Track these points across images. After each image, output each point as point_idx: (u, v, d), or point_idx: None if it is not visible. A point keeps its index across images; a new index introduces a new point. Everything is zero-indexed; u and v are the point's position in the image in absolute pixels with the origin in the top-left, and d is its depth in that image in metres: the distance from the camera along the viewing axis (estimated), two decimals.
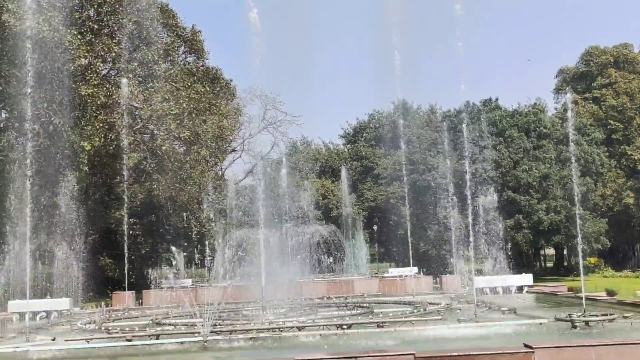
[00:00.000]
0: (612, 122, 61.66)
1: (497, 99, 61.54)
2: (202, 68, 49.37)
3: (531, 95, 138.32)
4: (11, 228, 36.34)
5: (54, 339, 16.83)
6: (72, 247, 49.95)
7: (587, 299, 21.19)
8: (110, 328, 19.28)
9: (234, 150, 64.33)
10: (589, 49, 67.34)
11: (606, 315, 16.65)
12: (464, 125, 45.57)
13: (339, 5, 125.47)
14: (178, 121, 37.18)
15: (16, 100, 31.86)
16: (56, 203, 34.65)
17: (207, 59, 50.65)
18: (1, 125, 35.50)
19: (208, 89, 44.80)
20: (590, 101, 63.56)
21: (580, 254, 28.53)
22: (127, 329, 18.58)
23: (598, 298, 23.40)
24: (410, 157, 59.25)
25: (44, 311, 26.61)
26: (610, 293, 24.76)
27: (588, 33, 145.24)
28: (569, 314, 16.60)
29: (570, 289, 28.83)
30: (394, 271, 43.46)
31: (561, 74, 70.47)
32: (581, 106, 61.89)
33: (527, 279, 30.86)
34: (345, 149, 76.42)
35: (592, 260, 57.10)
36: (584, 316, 16.33)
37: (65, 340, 16.53)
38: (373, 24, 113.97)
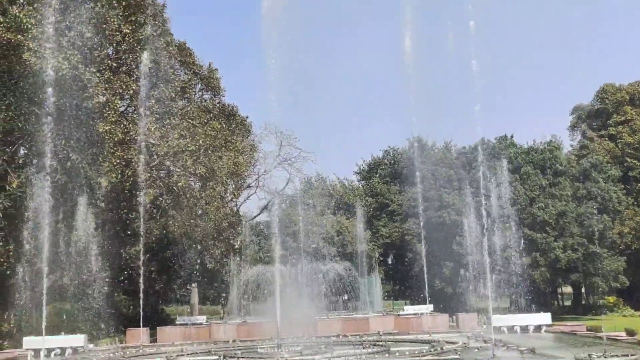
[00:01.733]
0: (628, 159, 61.38)
1: (512, 136, 61.61)
2: (218, 105, 49.85)
3: (546, 132, 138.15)
4: (27, 264, 36.50)
5: None
6: (88, 283, 50.12)
7: (606, 338, 20.90)
8: None
9: (249, 186, 64.53)
10: (604, 87, 67.42)
11: (627, 355, 16.40)
12: (479, 162, 45.39)
13: (355, 43, 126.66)
14: (194, 158, 37.40)
15: (35, 137, 32.22)
16: (72, 239, 34.78)
17: (223, 96, 51.21)
18: (20, 162, 35.84)
19: (224, 125, 45.16)
20: (607, 138, 63.44)
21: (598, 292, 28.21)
22: None
23: (618, 338, 23.06)
24: (425, 193, 59.13)
25: (58, 348, 26.57)
26: (630, 333, 24.40)
27: (603, 70, 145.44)
28: (589, 354, 16.36)
29: (589, 329, 28.45)
30: (409, 309, 43.09)
31: (576, 111, 70.48)
32: (597, 143, 61.76)
33: (545, 317, 30.45)
34: (360, 186, 76.44)
35: (611, 299, 56.39)
36: (604, 356, 16.08)
37: None
38: (389, 62, 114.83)
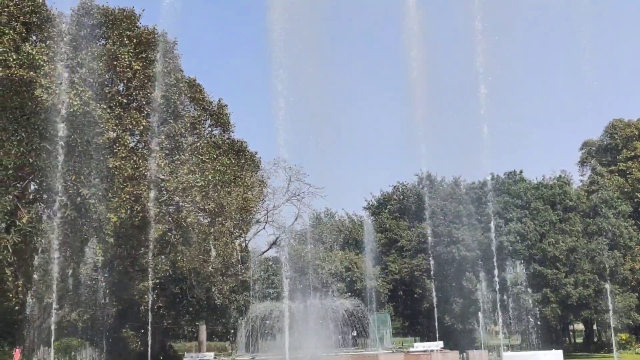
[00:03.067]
0: (639, 194, 61.17)
1: (521, 171, 61.50)
2: (227, 140, 50.07)
3: (556, 168, 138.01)
4: (36, 299, 36.48)
5: None
6: (95, 319, 50.00)
7: None
8: None
9: (257, 221, 64.49)
10: (613, 122, 67.52)
11: None
12: (489, 199, 45.37)
13: (365, 78, 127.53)
14: (203, 193, 37.49)
15: (45, 173, 32.45)
16: (81, 274, 34.78)
17: (232, 132, 51.45)
18: (30, 197, 36.05)
19: (233, 161, 45.31)
20: (616, 174, 63.32)
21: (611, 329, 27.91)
22: None
23: None
24: (434, 229, 59.01)
25: None
26: None
27: (612, 106, 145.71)
28: None
29: None
30: (419, 345, 42.66)
31: (586, 147, 70.49)
32: (607, 179, 61.62)
33: (557, 355, 29.99)
34: (369, 221, 76.29)
35: (624, 336, 55.75)
36: None
37: None
38: (397, 98, 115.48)
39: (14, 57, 31.56)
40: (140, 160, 35.52)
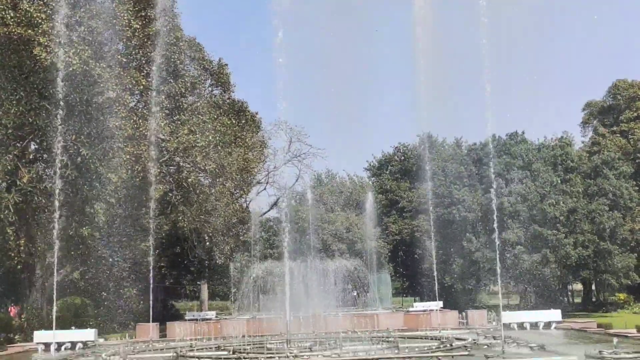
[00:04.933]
0: None
1: (523, 132, 61.24)
2: (228, 101, 49.86)
3: (558, 129, 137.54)
4: (38, 259, 36.69)
5: None
6: (97, 279, 50.33)
7: (617, 335, 20.77)
8: None
9: (258, 182, 64.57)
10: (616, 82, 66.99)
11: (638, 352, 16.28)
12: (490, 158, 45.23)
13: (367, 39, 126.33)
14: (204, 153, 37.43)
15: (45, 132, 32.33)
16: (82, 234, 34.88)
17: (233, 92, 51.19)
18: (30, 157, 35.99)
19: (234, 121, 45.17)
20: (618, 134, 63.03)
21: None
22: None
23: (628, 335, 22.95)
24: (435, 190, 58.97)
25: (69, 342, 26.64)
26: None
27: (615, 66, 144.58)
28: (600, 351, 16.25)
29: (599, 326, 28.30)
30: (419, 305, 43.01)
31: (588, 107, 70.08)
32: (609, 140, 61.36)
33: (555, 314, 30.27)
34: (370, 182, 76.35)
35: (622, 296, 56.10)
36: (615, 353, 15.96)
37: None
38: (400, 57, 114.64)
39: (12, 14, 31.22)
40: (141, 120, 35.40)
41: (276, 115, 60.80)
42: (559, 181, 54.05)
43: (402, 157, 76.13)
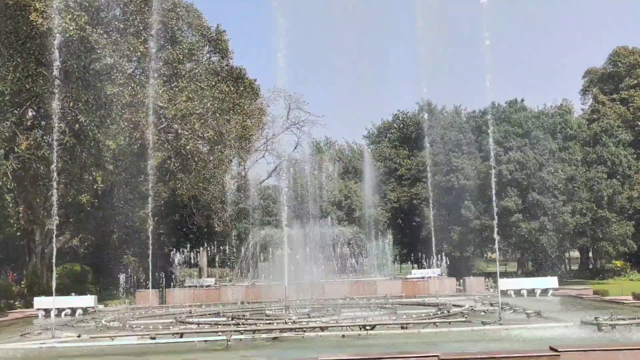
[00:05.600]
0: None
1: (522, 100, 61.04)
2: (226, 68, 49.47)
3: (558, 97, 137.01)
4: (37, 226, 36.77)
5: (79, 336, 16.92)
6: (97, 245, 50.46)
7: (613, 302, 20.91)
8: (134, 326, 19.37)
9: (257, 150, 64.44)
10: (617, 50, 66.56)
11: (633, 319, 16.39)
12: (489, 126, 45.09)
13: (363, 4, 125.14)
14: (202, 121, 37.28)
15: (43, 99, 32.17)
16: (81, 201, 34.91)
17: (231, 59, 50.78)
18: (28, 124, 35.86)
19: (232, 88, 44.87)
20: (618, 102, 62.80)
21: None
22: (151, 327, 18.65)
23: (624, 302, 23.11)
24: (434, 158, 58.96)
25: (69, 308, 26.82)
26: (637, 296, 24.45)
27: (616, 33, 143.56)
28: (596, 318, 16.36)
29: (596, 292, 28.51)
30: (417, 272, 43.22)
31: (588, 75, 69.72)
32: (608, 107, 61.16)
33: (552, 281, 30.46)
34: (369, 150, 76.27)
35: (618, 263, 56.44)
36: (611, 319, 16.08)
37: (91, 337, 16.62)
38: (399, 25, 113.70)
39: None
40: (138, 87, 35.17)
41: (275, 82, 60.39)
42: (558, 149, 54.03)
43: (401, 125, 75.92)
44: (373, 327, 16.52)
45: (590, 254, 65.31)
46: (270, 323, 17.89)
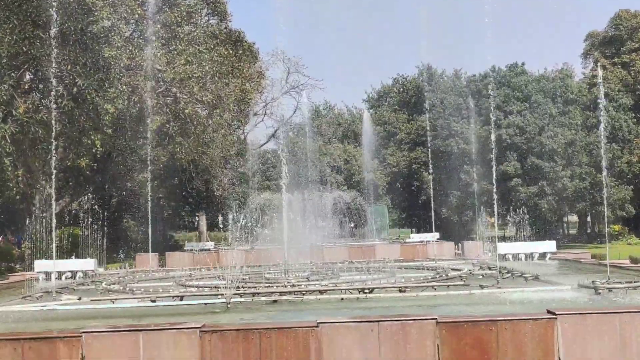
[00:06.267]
0: None
1: (523, 64, 60.69)
2: (224, 30, 49.02)
3: (559, 60, 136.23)
4: (36, 190, 36.78)
5: (80, 299, 17.03)
6: (96, 209, 50.49)
7: (611, 266, 21.04)
8: (134, 289, 19.49)
9: (256, 114, 64.22)
10: (619, 13, 65.90)
11: (630, 282, 16.50)
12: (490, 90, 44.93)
13: None
14: (201, 84, 37.04)
15: (40, 62, 31.91)
16: (80, 165, 34.87)
17: (230, 22, 50.32)
18: (26, 87, 35.64)
19: (231, 51, 44.52)
20: (619, 66, 62.38)
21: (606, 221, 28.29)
22: (151, 290, 18.78)
23: (622, 265, 23.22)
24: (433, 122, 58.85)
25: (69, 271, 26.96)
26: (635, 260, 24.56)
27: None
28: (593, 281, 16.48)
29: (593, 256, 28.64)
30: (415, 237, 43.42)
31: (590, 38, 69.16)
32: (609, 71, 60.81)
33: (550, 245, 30.60)
34: (368, 114, 76.07)
35: (616, 227, 56.69)
36: (608, 283, 16.19)
37: (91, 300, 16.73)
38: None
39: None
40: (136, 50, 34.88)
41: (274, 45, 59.88)
42: (558, 113, 53.89)
43: (401, 89, 75.59)
44: (372, 290, 16.62)
45: (589, 219, 65.57)
46: (269, 286, 18.01)
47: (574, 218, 75.27)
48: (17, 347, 9.53)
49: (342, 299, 15.96)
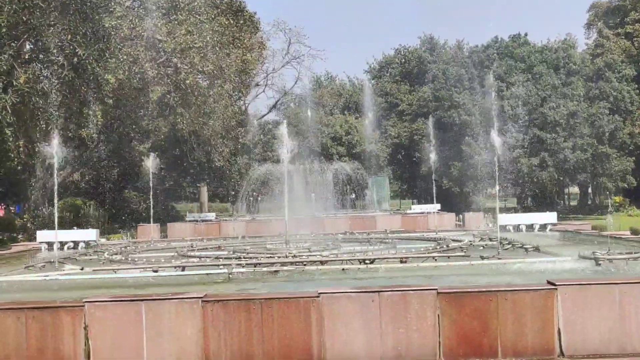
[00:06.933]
0: None
1: (526, 35, 60.27)
2: (225, 0, 48.68)
3: (561, 31, 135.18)
4: (38, 160, 36.78)
5: (82, 269, 17.12)
6: (97, 180, 50.61)
7: (611, 237, 21.07)
8: (136, 259, 19.57)
9: (257, 84, 64.00)
10: None
11: (631, 253, 16.53)
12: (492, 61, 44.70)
13: None
14: (201, 54, 36.86)
15: (40, 32, 31.68)
16: (81, 135, 34.84)
17: None
18: (26, 57, 35.44)
19: (232, 21, 44.25)
20: (623, 37, 61.90)
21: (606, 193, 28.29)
22: (153, 260, 18.85)
23: (622, 237, 23.26)
24: (435, 93, 58.65)
25: (71, 241, 27.07)
26: (635, 232, 24.58)
27: None
28: (593, 252, 16.50)
29: (594, 228, 28.68)
30: (416, 208, 43.48)
31: (593, 9, 68.60)
32: (613, 42, 60.35)
33: (551, 217, 30.62)
34: (370, 85, 75.75)
35: (617, 199, 56.77)
36: (608, 254, 16.22)
37: (94, 270, 16.82)
38: None
39: None
40: (137, 20, 34.66)
41: (275, 15, 59.48)
42: (561, 84, 53.64)
43: (403, 60, 75.18)
44: (372, 261, 16.68)
45: (590, 190, 65.61)
46: (271, 257, 18.07)
47: (575, 189, 75.35)
48: (20, 316, 9.60)
49: (343, 269, 16.02)
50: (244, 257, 18.14)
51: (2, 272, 17.47)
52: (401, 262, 16.68)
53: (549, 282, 10.20)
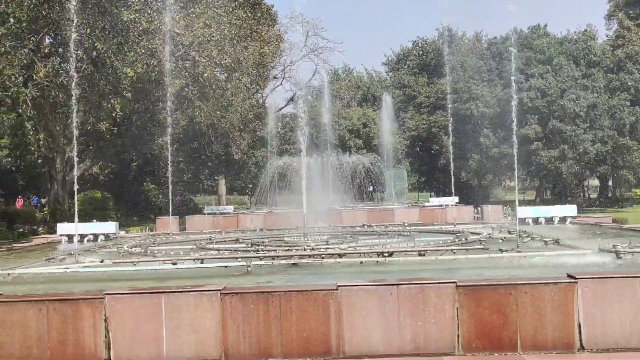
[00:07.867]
0: None
1: (545, 26, 59.80)
2: None
3: (582, 22, 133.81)
4: (58, 153, 37.09)
5: (102, 261, 17.22)
6: (117, 173, 50.92)
7: (632, 230, 20.88)
8: (155, 252, 19.67)
9: (274, 77, 64.03)
10: None
11: None
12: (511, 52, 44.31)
13: None
14: (219, 48, 36.91)
15: (59, 26, 31.86)
16: (100, 129, 35.05)
17: None
18: (46, 51, 35.67)
19: (249, 14, 44.24)
20: None
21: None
22: (172, 253, 18.92)
23: None
24: (453, 85, 58.34)
25: (91, 234, 27.26)
26: None
27: None
28: (614, 245, 16.34)
29: (614, 220, 28.47)
30: (434, 200, 43.31)
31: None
32: (634, 33, 59.67)
33: (571, 209, 30.37)
34: (388, 77, 75.48)
35: (638, 191, 56.25)
36: (629, 247, 16.06)
37: (113, 263, 16.91)
38: None
39: None
40: (155, 14, 34.72)
41: (292, 8, 59.38)
42: (581, 76, 53.14)
43: (421, 52, 74.89)
44: (391, 254, 16.64)
45: (610, 183, 65.06)
46: (289, 250, 18.07)
47: (595, 182, 74.73)
48: (41, 308, 9.70)
49: (362, 262, 16.00)
50: (262, 250, 18.17)
51: (23, 264, 17.64)
52: (419, 255, 16.63)
53: (569, 276, 10.13)
